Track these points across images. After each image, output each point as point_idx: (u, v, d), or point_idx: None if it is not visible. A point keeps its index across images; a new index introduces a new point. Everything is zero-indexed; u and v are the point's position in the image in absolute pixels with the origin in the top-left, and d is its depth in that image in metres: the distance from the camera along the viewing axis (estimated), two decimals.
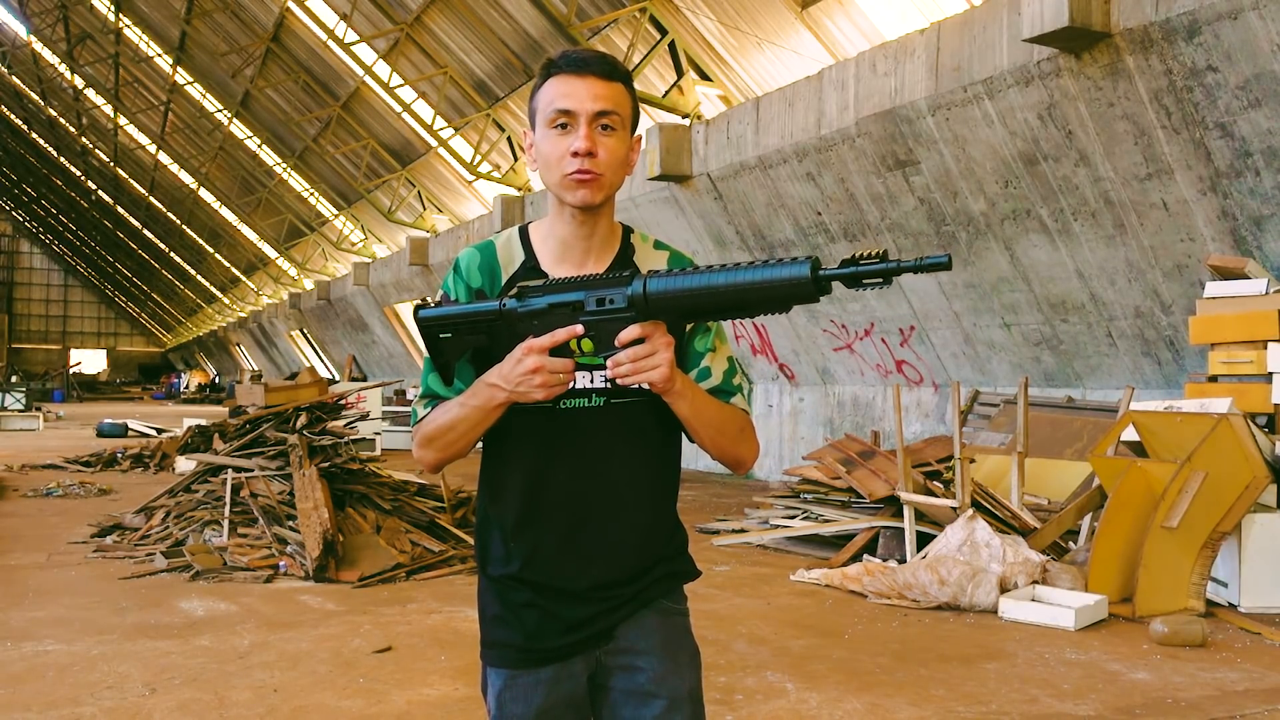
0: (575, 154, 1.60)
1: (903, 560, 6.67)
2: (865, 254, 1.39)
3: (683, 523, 1.83)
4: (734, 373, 1.74)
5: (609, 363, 1.50)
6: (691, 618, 1.83)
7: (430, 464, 1.70)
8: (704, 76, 12.53)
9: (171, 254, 47.06)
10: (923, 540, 6.73)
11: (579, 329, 1.51)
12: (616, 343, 1.49)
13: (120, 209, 45.61)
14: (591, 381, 1.65)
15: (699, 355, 1.72)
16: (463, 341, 1.63)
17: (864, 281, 1.40)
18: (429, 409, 1.70)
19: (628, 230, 1.77)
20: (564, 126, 1.61)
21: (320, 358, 34.21)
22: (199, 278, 47.92)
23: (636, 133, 1.70)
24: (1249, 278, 6.68)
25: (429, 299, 1.66)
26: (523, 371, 1.51)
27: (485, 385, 1.58)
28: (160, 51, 26.15)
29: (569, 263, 1.70)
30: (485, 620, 1.75)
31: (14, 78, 35.64)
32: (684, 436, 1.75)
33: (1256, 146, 6.61)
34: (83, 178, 44.27)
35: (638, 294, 1.49)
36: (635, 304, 1.49)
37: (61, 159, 43.41)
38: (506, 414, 1.62)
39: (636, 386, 1.59)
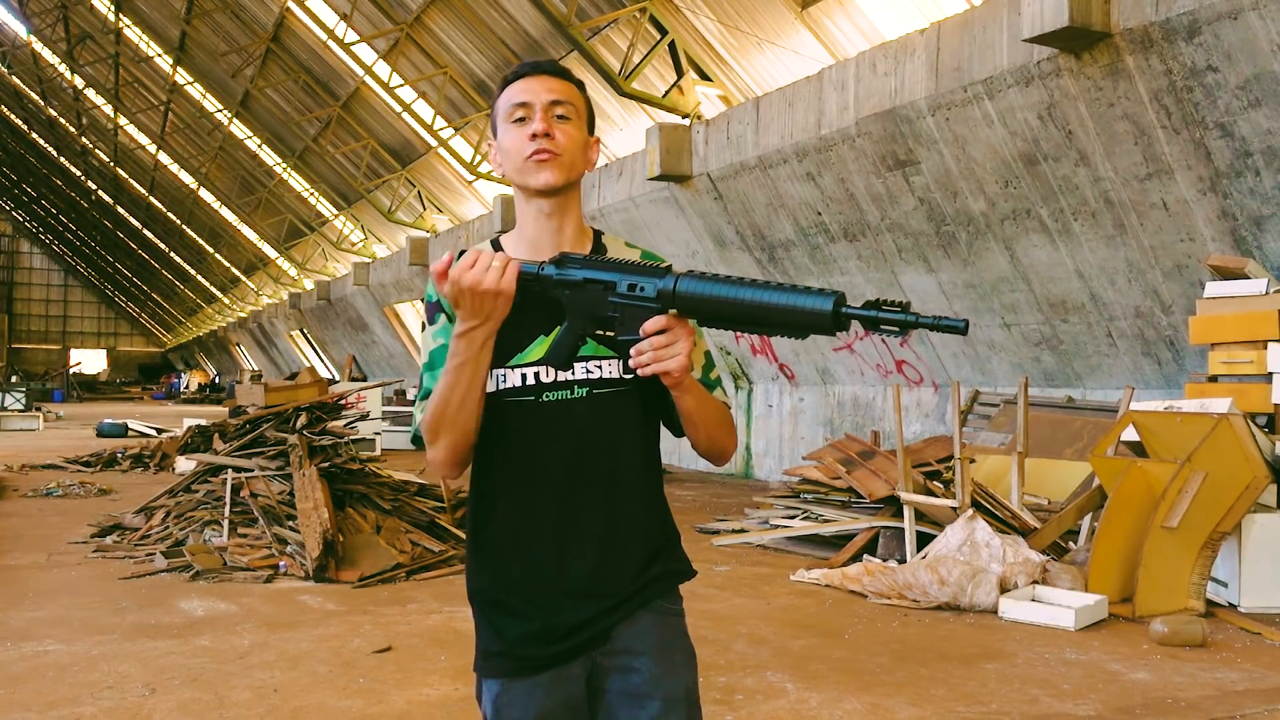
0: (534, 136, 1.67)
1: (903, 560, 6.67)
2: (888, 301, 1.44)
3: (674, 519, 1.81)
4: (711, 366, 1.77)
5: (632, 351, 1.54)
6: (691, 617, 1.83)
7: (444, 460, 1.64)
8: (704, 76, 12.51)
9: (171, 254, 47.05)
10: (923, 540, 6.73)
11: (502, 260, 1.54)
12: (641, 330, 1.54)
13: (120, 209, 45.60)
14: (573, 374, 1.66)
15: None
16: None
17: (882, 326, 1.44)
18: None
19: (598, 233, 1.80)
20: (522, 120, 1.70)
21: (320, 358, 34.21)
22: (199, 278, 47.92)
23: (596, 134, 1.78)
24: (1249, 278, 6.68)
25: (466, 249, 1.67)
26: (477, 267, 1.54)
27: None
28: (160, 51, 26.16)
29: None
30: (480, 629, 1.72)
31: (14, 78, 35.63)
32: (663, 430, 1.77)
33: (1256, 146, 6.61)
34: (83, 178, 44.27)
35: (667, 289, 1.54)
36: (663, 298, 1.55)
37: (61, 159, 43.41)
38: (489, 412, 1.63)
39: (619, 376, 1.66)
